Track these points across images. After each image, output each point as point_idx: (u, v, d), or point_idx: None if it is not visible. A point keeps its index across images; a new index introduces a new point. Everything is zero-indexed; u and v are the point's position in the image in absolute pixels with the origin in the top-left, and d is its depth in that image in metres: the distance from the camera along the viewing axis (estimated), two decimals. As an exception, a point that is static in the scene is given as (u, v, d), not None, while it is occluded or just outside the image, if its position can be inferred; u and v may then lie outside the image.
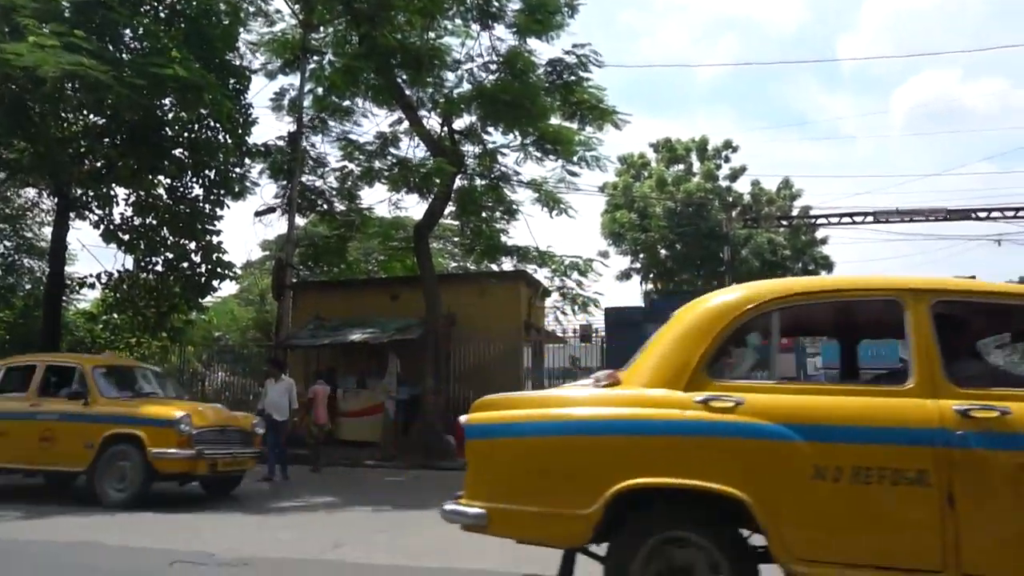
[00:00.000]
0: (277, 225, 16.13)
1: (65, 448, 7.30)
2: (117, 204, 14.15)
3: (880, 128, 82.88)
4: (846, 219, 21.20)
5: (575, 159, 12.89)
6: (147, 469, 7.02)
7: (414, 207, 16.87)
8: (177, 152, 13.62)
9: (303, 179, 14.74)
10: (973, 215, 19.65)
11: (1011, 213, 19.65)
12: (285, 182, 14.55)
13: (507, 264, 14.28)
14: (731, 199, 26.57)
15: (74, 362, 8.12)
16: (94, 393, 7.44)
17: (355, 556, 4.99)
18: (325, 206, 15.27)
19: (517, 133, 12.85)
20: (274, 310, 16.19)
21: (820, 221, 23.28)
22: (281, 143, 14.50)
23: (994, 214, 19.66)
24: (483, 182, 13.66)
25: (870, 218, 20.57)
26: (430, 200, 13.20)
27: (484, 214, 13.72)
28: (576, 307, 13.05)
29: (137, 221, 14.44)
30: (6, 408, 7.71)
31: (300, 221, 15.36)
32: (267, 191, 23.15)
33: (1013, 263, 68.91)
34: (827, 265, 27.00)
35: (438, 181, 12.21)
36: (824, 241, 26.98)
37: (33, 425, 7.46)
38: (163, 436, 7.06)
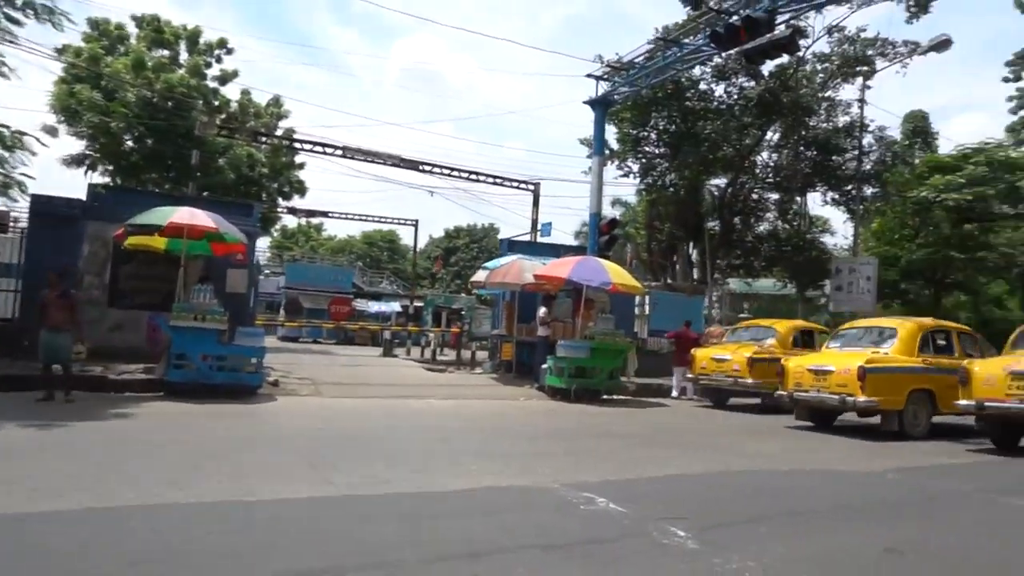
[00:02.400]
0: None
1: None
2: None
3: (379, 71, 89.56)
4: (319, 148, 22.34)
5: (19, 2, 10.34)
6: None
7: None
8: None
9: None
10: (419, 167, 22.98)
11: (446, 171, 23.64)
12: None
13: None
14: (216, 103, 25.15)
15: None
16: None
17: None
18: None
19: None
20: None
21: (296, 145, 24.02)
22: None
23: (434, 169, 23.35)
24: None
25: (339, 151, 22.14)
26: None
27: None
28: (-8, 188, 10.65)
29: None
30: None
31: None
32: None
33: (441, 212, 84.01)
34: (300, 189, 28.01)
35: None
36: (301, 166, 27.85)
37: None
38: None
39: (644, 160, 22.19)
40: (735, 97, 21.11)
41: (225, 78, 26.33)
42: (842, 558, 3.97)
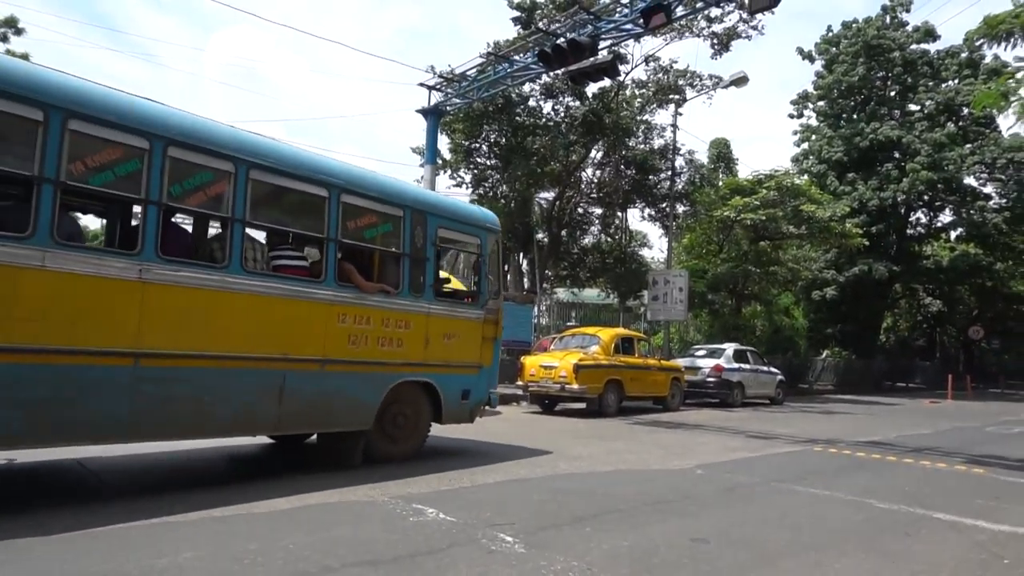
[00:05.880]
0: None
1: None
2: None
3: (197, 64, 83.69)
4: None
5: None
6: None
7: None
8: None
9: None
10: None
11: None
12: None
13: None
14: None
15: None
16: None
17: None
18: None
19: None
20: None
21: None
22: None
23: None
24: None
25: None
26: None
27: None
28: None
29: None
30: None
31: None
32: None
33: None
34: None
35: None
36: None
37: None
38: None
39: (476, 171, 22.57)
40: (562, 115, 22.10)
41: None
42: (657, 550, 4.21)
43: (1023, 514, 5.73)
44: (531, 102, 21.83)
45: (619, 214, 26.27)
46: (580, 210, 25.70)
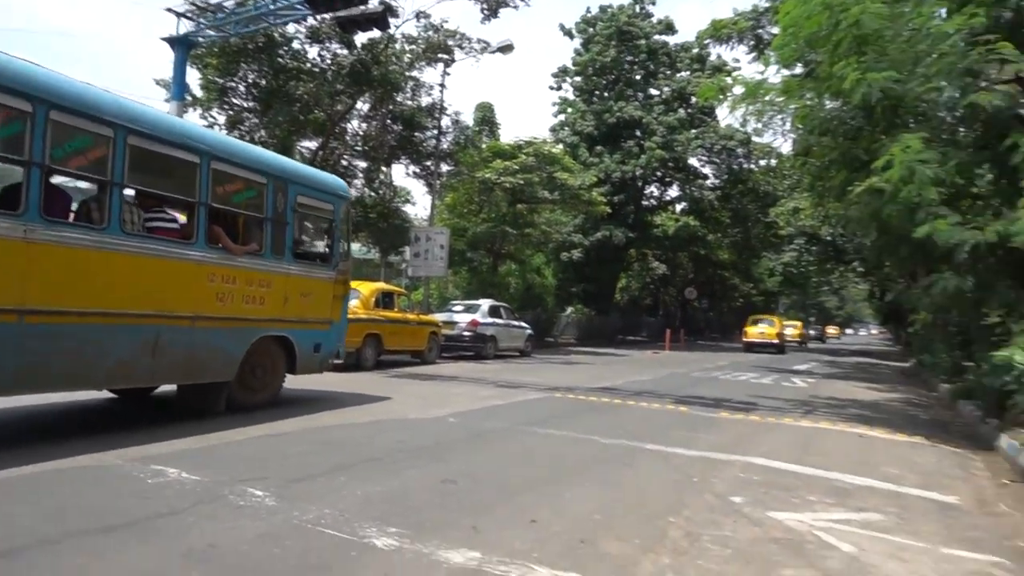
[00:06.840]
0: None
1: None
2: None
3: None
4: None
5: None
6: None
7: None
8: None
9: None
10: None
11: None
12: None
13: None
14: None
15: None
16: None
17: None
18: None
19: None
20: None
21: None
22: None
23: None
24: None
25: None
26: None
27: None
28: None
29: None
30: None
31: None
32: None
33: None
34: None
35: None
36: None
37: None
38: None
39: (231, 112, 20.86)
40: (328, 62, 21.18)
41: None
42: (409, 493, 4.44)
43: (710, 441, 6.94)
44: (295, 44, 20.60)
45: (384, 169, 26.00)
46: (344, 162, 24.97)
